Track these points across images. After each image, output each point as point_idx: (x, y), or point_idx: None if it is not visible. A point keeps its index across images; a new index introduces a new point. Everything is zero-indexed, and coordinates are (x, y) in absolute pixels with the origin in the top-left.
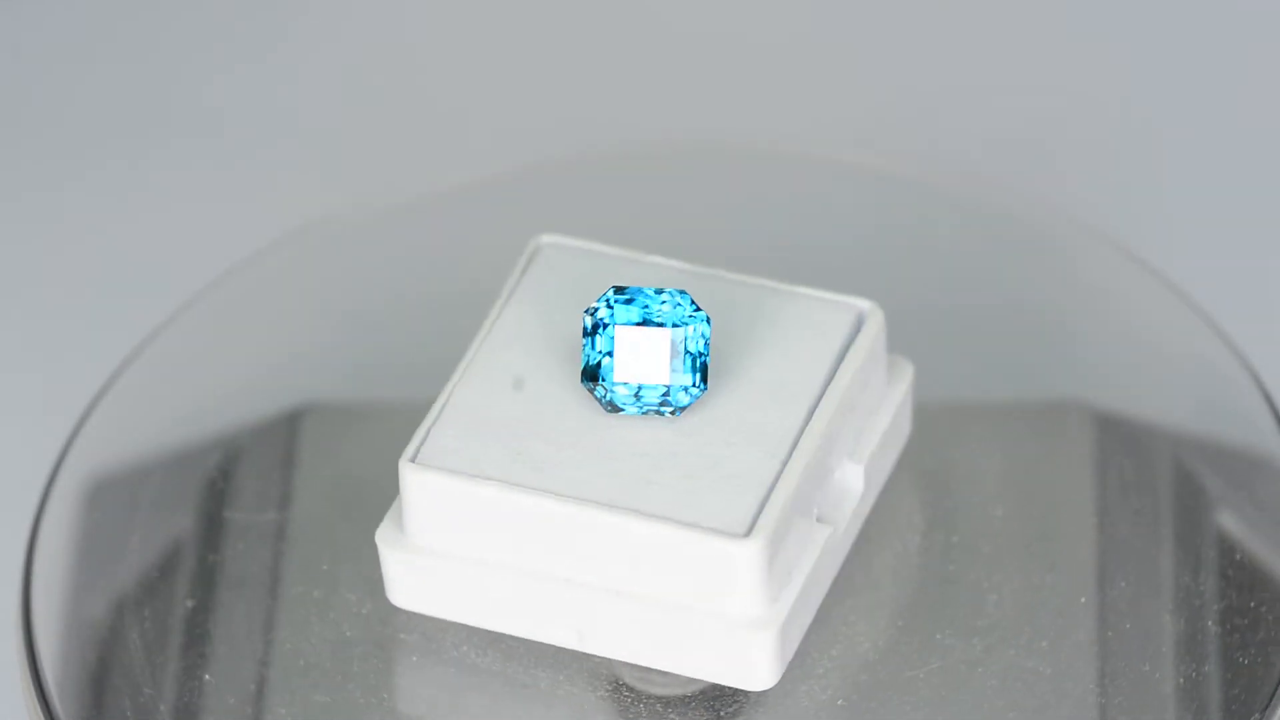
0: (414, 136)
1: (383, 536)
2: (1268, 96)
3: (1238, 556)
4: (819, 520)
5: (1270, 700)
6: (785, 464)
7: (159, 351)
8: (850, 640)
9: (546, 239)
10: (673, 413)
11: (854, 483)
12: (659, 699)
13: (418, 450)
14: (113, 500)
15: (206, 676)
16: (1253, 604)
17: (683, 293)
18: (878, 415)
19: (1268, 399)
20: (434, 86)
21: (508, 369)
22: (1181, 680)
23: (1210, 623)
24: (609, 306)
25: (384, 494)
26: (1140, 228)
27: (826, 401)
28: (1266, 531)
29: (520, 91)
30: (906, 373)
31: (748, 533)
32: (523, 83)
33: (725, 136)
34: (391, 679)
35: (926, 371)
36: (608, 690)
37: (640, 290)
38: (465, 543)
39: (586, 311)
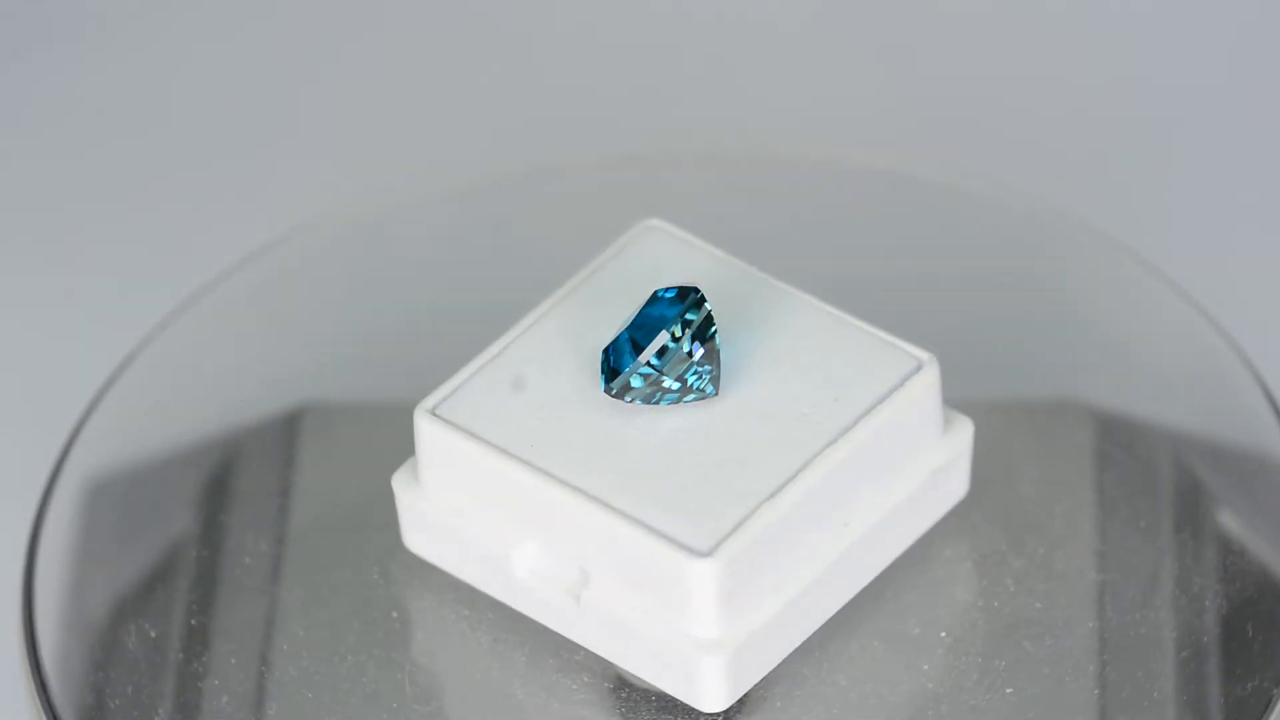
0: (414, 136)
1: (399, 482)
2: (1269, 95)
3: (1238, 556)
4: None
5: (1270, 700)
6: (783, 488)
7: (159, 351)
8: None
9: (653, 223)
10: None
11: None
12: (659, 697)
13: (441, 401)
14: (113, 500)
15: (206, 677)
16: (1253, 604)
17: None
18: (916, 465)
19: (1269, 399)
20: (436, 86)
21: (558, 341)
22: (1182, 680)
23: (1210, 623)
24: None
25: (384, 494)
26: (1140, 228)
27: (851, 435)
28: (1266, 531)
29: (525, 92)
30: (966, 429)
31: (710, 552)
32: (527, 83)
33: (717, 137)
34: (391, 679)
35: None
36: (609, 689)
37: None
38: (471, 503)
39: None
